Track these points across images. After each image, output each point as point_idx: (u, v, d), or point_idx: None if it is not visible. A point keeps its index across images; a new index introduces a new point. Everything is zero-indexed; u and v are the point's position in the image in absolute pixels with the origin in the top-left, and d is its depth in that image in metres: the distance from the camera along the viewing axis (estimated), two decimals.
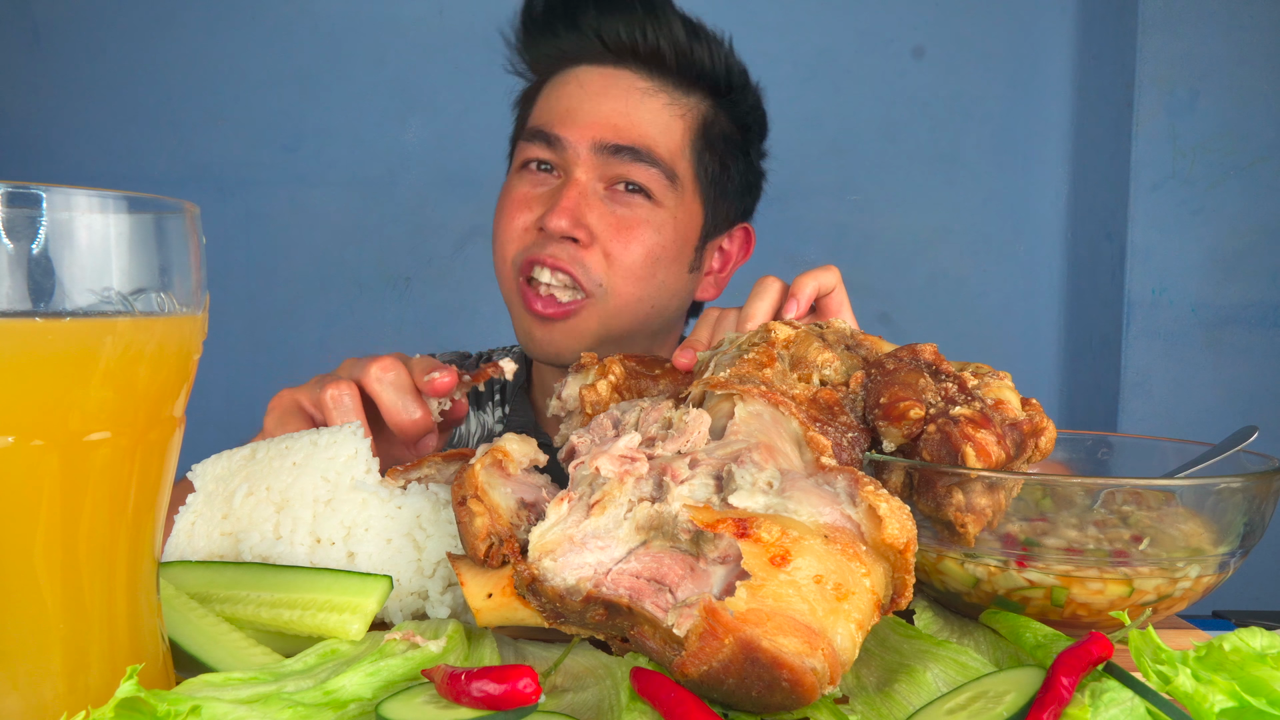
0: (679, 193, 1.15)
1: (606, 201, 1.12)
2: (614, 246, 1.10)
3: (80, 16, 2.48)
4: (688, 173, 1.16)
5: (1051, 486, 0.62)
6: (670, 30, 1.14)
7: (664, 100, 1.14)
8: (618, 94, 1.13)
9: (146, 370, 0.46)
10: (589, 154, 1.11)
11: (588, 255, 1.10)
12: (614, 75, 1.14)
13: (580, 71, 1.15)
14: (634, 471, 0.59)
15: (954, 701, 0.50)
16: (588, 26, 1.14)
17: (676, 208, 1.15)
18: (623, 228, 1.11)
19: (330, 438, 0.72)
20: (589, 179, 1.11)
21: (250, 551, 0.68)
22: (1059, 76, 2.52)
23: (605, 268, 1.10)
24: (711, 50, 1.17)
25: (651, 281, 1.14)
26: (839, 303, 0.90)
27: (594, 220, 1.10)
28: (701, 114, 1.17)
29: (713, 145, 1.18)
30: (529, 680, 0.48)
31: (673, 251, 1.15)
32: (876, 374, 0.69)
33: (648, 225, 1.12)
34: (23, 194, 0.43)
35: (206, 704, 0.46)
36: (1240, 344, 2.30)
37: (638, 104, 1.13)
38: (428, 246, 2.56)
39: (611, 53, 1.14)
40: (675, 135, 1.15)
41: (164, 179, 2.51)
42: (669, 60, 1.14)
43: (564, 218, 1.07)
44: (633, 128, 1.12)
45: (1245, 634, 0.52)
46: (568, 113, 1.13)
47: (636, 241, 1.11)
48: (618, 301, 1.12)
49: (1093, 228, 2.46)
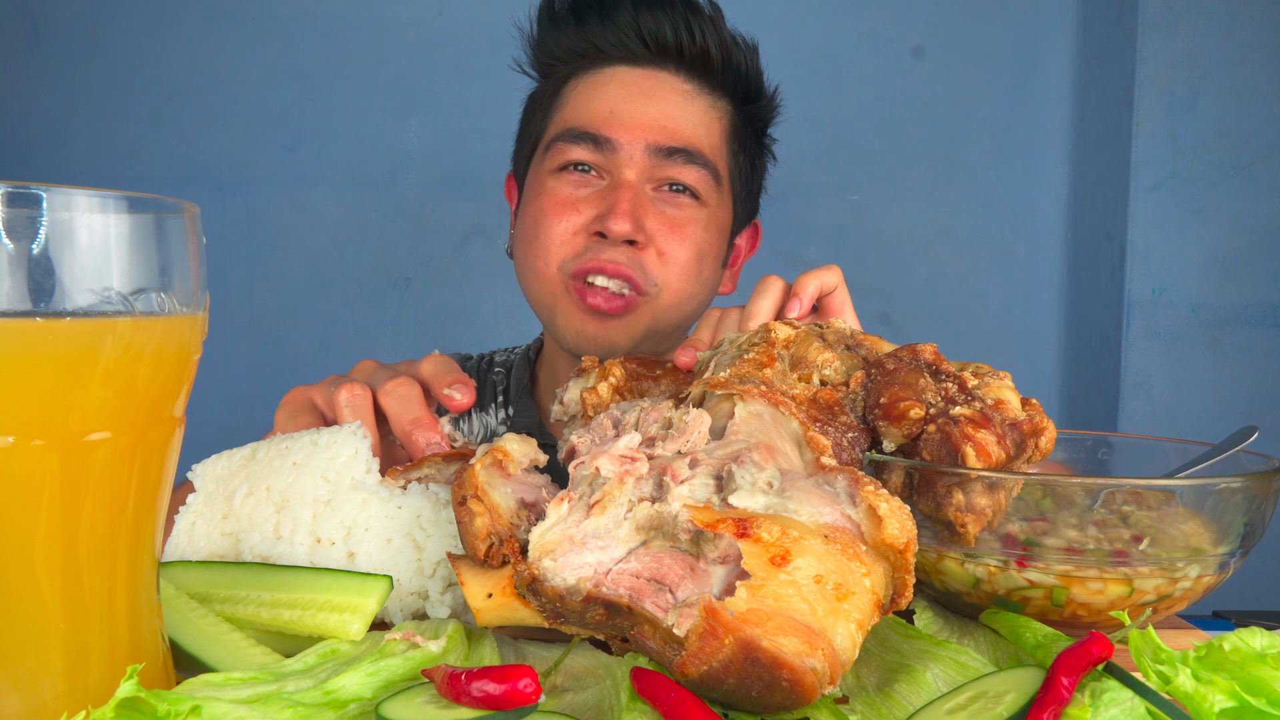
0: (721, 192, 1.17)
1: (656, 202, 1.12)
2: (668, 246, 1.11)
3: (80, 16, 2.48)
4: (725, 171, 1.18)
5: (1051, 486, 0.62)
6: (718, 31, 1.14)
7: (705, 103, 1.15)
8: (663, 95, 1.13)
9: (146, 370, 0.46)
10: (642, 156, 1.11)
11: (645, 257, 1.10)
12: (656, 77, 1.13)
13: (618, 72, 1.14)
14: (634, 471, 0.59)
15: (954, 701, 0.50)
16: (624, 22, 1.12)
17: (718, 207, 1.17)
18: (674, 227, 1.12)
19: (330, 438, 0.72)
20: (640, 180, 1.11)
21: (250, 551, 0.68)
22: (1059, 76, 2.52)
23: (660, 267, 1.11)
24: (746, 57, 1.18)
25: (699, 278, 1.15)
26: (841, 302, 0.90)
27: (650, 222, 1.11)
28: (731, 115, 1.19)
29: (744, 144, 1.21)
30: (529, 680, 0.48)
31: (716, 248, 1.18)
32: (876, 374, 0.69)
33: (696, 224, 1.13)
34: (23, 194, 0.43)
35: (206, 704, 0.46)
36: (1240, 344, 2.30)
37: (684, 107, 1.13)
38: (428, 246, 2.56)
39: (651, 52, 1.13)
40: (716, 136, 1.16)
41: (164, 179, 2.51)
42: (715, 62, 1.14)
43: (626, 221, 1.07)
44: (681, 129, 1.12)
45: (1245, 634, 0.52)
46: (613, 114, 1.12)
47: (689, 240, 1.13)
48: (670, 299, 1.13)
49: (1093, 228, 2.46)
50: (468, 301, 2.57)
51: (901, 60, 2.52)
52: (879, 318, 2.55)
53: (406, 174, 2.55)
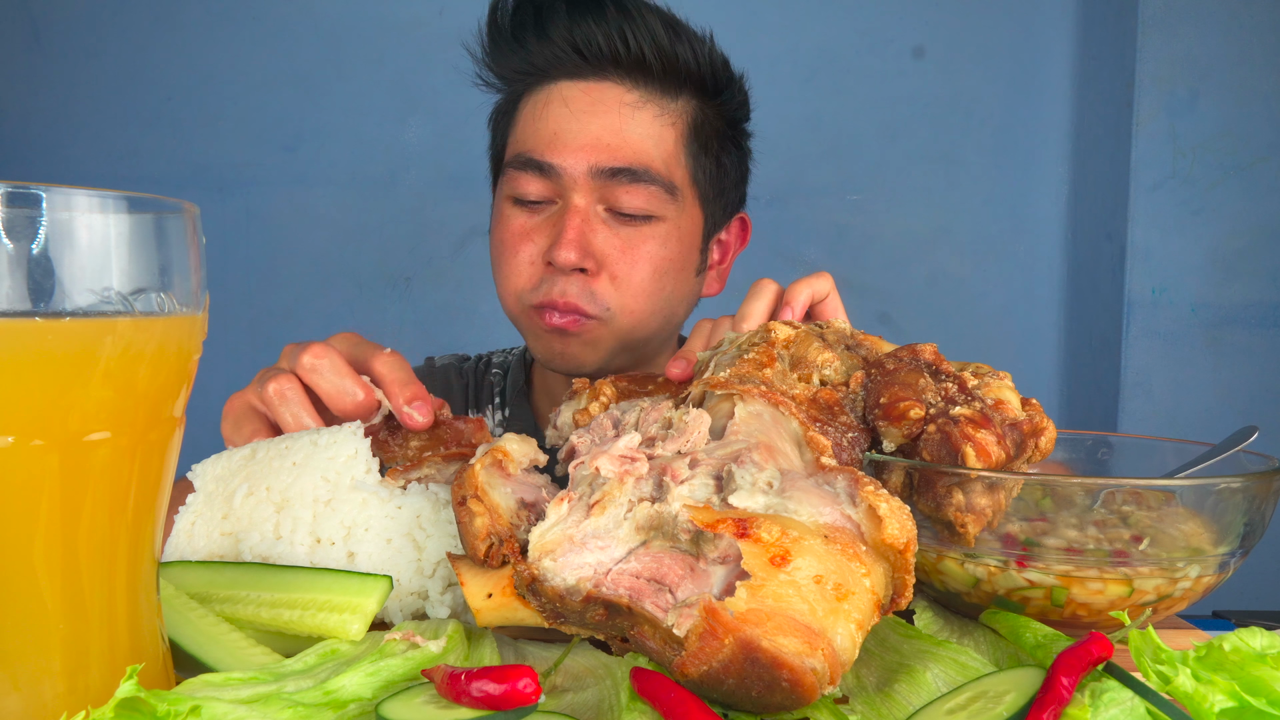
0: (679, 202, 1.12)
1: (609, 223, 1.09)
2: (621, 269, 1.08)
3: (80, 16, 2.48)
4: (685, 179, 1.13)
5: (1051, 486, 0.62)
6: (651, 33, 1.08)
7: (653, 112, 1.10)
8: (605, 110, 1.08)
9: (146, 370, 0.46)
10: (586, 179, 1.07)
11: (595, 284, 1.07)
12: (597, 90, 1.09)
13: (560, 88, 1.10)
14: (634, 471, 0.59)
15: (954, 701, 0.50)
16: (559, 36, 1.08)
17: (679, 217, 1.12)
18: (627, 249, 1.09)
19: (330, 438, 0.72)
20: (588, 202, 1.08)
21: (250, 551, 0.68)
22: (1059, 76, 2.52)
23: (613, 291, 1.08)
24: (695, 49, 1.12)
25: (659, 295, 1.12)
26: (833, 310, 0.89)
27: (599, 245, 1.07)
28: (690, 117, 1.13)
29: (706, 146, 1.15)
30: (529, 680, 0.48)
31: (679, 262, 1.13)
32: (876, 374, 0.69)
33: (652, 241, 1.10)
34: (23, 194, 0.43)
35: (206, 704, 0.46)
36: (1240, 344, 2.30)
37: (628, 120, 1.09)
38: (428, 246, 2.56)
39: (589, 64, 1.09)
40: (668, 145, 1.11)
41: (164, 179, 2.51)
42: (654, 66, 1.09)
43: (572, 250, 1.05)
44: (626, 145, 1.08)
45: (1245, 634, 0.52)
46: (555, 136, 1.08)
47: (643, 261, 1.09)
48: (629, 319, 1.10)
49: (1093, 228, 2.46)
50: (468, 301, 2.57)
51: (901, 60, 2.52)
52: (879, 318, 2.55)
53: (406, 174, 2.55)
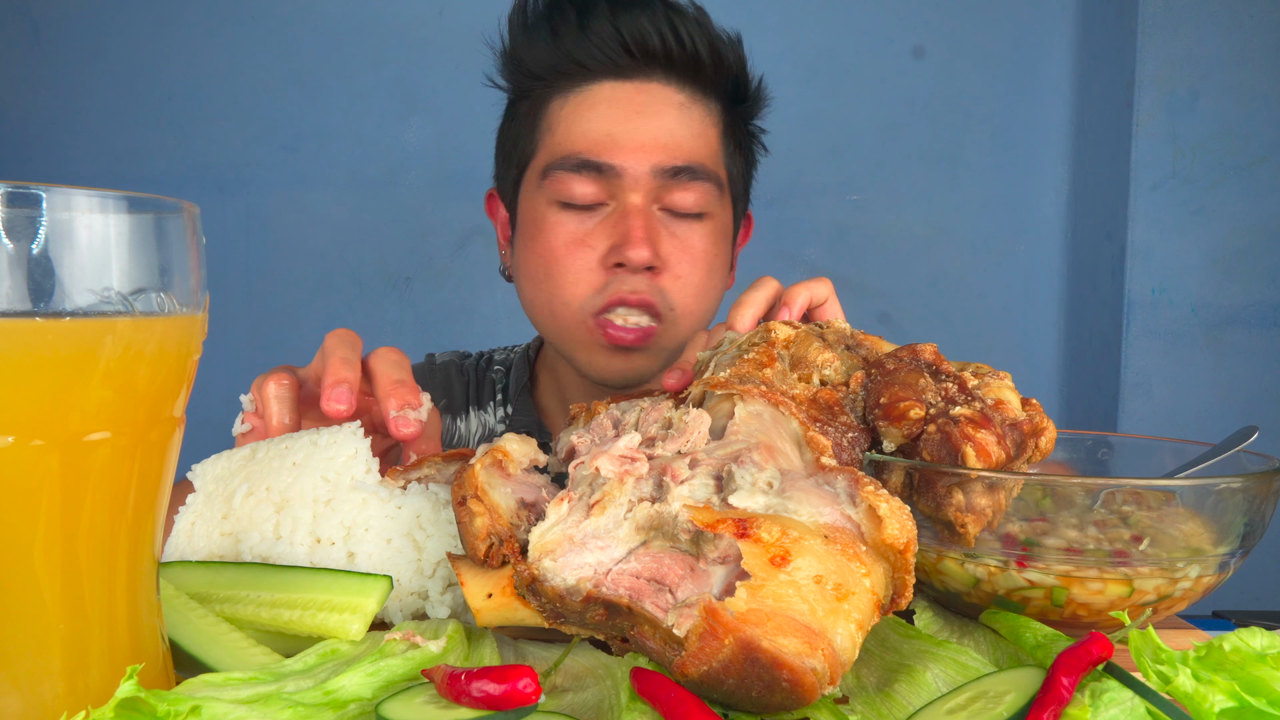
0: (723, 199, 1.14)
1: (665, 223, 1.09)
2: (682, 268, 1.09)
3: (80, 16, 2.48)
4: (725, 178, 1.15)
5: (1051, 486, 0.62)
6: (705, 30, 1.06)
7: (700, 112, 1.10)
8: (658, 110, 1.06)
9: (146, 370, 0.46)
10: (648, 178, 1.06)
11: (662, 282, 1.08)
12: (647, 90, 1.06)
13: (605, 89, 1.06)
14: (634, 471, 0.59)
15: (954, 701, 0.50)
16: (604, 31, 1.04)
17: (721, 214, 1.14)
18: (684, 248, 1.09)
19: (330, 438, 0.72)
20: (645, 202, 1.07)
21: (250, 551, 0.68)
22: (1059, 76, 2.52)
23: (677, 290, 1.09)
24: (734, 53, 1.12)
25: (712, 293, 1.14)
26: (832, 315, 0.89)
27: (663, 245, 1.08)
28: (722, 115, 1.14)
29: (739, 143, 1.17)
30: (529, 680, 0.48)
31: (724, 259, 1.16)
32: (876, 374, 0.69)
33: (705, 239, 1.11)
34: (23, 194, 0.43)
35: (206, 704, 0.46)
36: (1240, 344, 2.30)
37: (681, 120, 1.07)
38: (428, 246, 2.56)
39: (637, 61, 1.05)
40: (714, 143, 1.12)
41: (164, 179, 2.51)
42: (706, 65, 1.07)
43: (645, 248, 1.04)
44: (682, 145, 1.07)
45: (1245, 634, 0.52)
46: (611, 137, 1.05)
47: (700, 259, 1.10)
48: (686, 321, 1.11)
49: (1093, 228, 2.46)
50: (468, 301, 2.57)
51: (901, 60, 2.52)
52: (879, 318, 2.55)
53: (406, 174, 2.55)
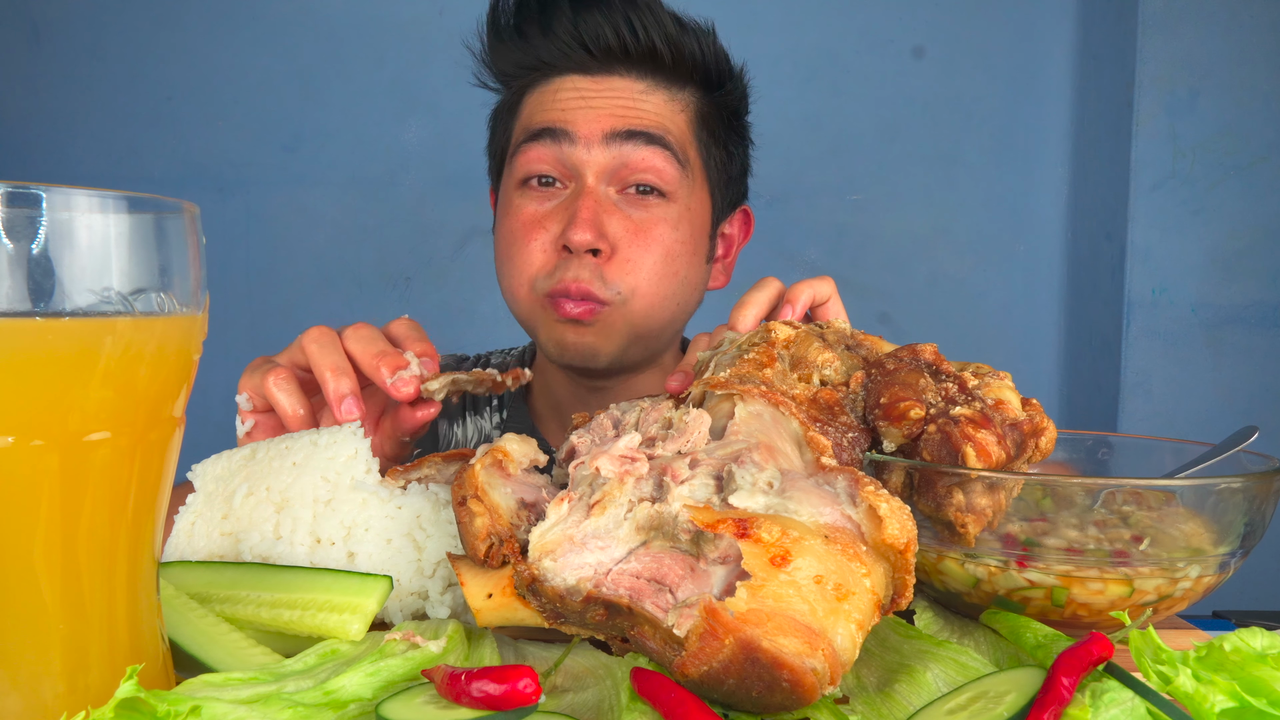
0: (690, 182, 1.13)
1: (622, 206, 1.09)
2: (634, 252, 1.08)
3: (80, 16, 2.48)
4: (696, 161, 1.14)
5: (1051, 486, 0.62)
6: (661, 24, 1.09)
7: (663, 97, 1.12)
8: (617, 94, 1.10)
9: (146, 370, 0.46)
10: (600, 147, 1.08)
11: (608, 267, 1.07)
12: (605, 82, 1.10)
13: (570, 80, 1.11)
14: (634, 471, 0.59)
15: (954, 701, 0.50)
16: (564, 31, 1.08)
17: (689, 199, 1.13)
18: (640, 232, 1.09)
19: (330, 438, 0.72)
20: (598, 183, 1.08)
21: (250, 551, 0.68)
22: (1059, 76, 2.52)
23: (625, 274, 1.08)
24: (700, 42, 1.12)
25: (675, 279, 1.12)
26: (834, 314, 0.89)
27: (613, 227, 1.08)
28: (696, 104, 1.15)
29: (714, 131, 1.17)
30: (529, 680, 0.48)
31: (691, 245, 1.14)
32: (876, 374, 0.69)
33: (664, 223, 1.10)
34: (23, 194, 0.43)
35: (206, 704, 0.46)
36: (1240, 344, 2.30)
37: (640, 100, 1.10)
38: (428, 246, 2.56)
39: (596, 59, 1.09)
40: (681, 124, 1.13)
41: (164, 179, 2.51)
42: (664, 57, 1.10)
43: (588, 230, 1.04)
44: (641, 116, 1.09)
45: (1245, 634, 0.52)
46: (570, 110, 1.09)
47: (656, 243, 1.09)
48: (643, 304, 1.10)
49: (1093, 228, 2.46)
50: (468, 301, 2.57)
51: (901, 60, 2.52)
52: (879, 318, 2.55)
53: (406, 174, 2.55)
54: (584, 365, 1.14)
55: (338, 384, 0.79)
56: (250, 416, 0.84)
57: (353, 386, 0.79)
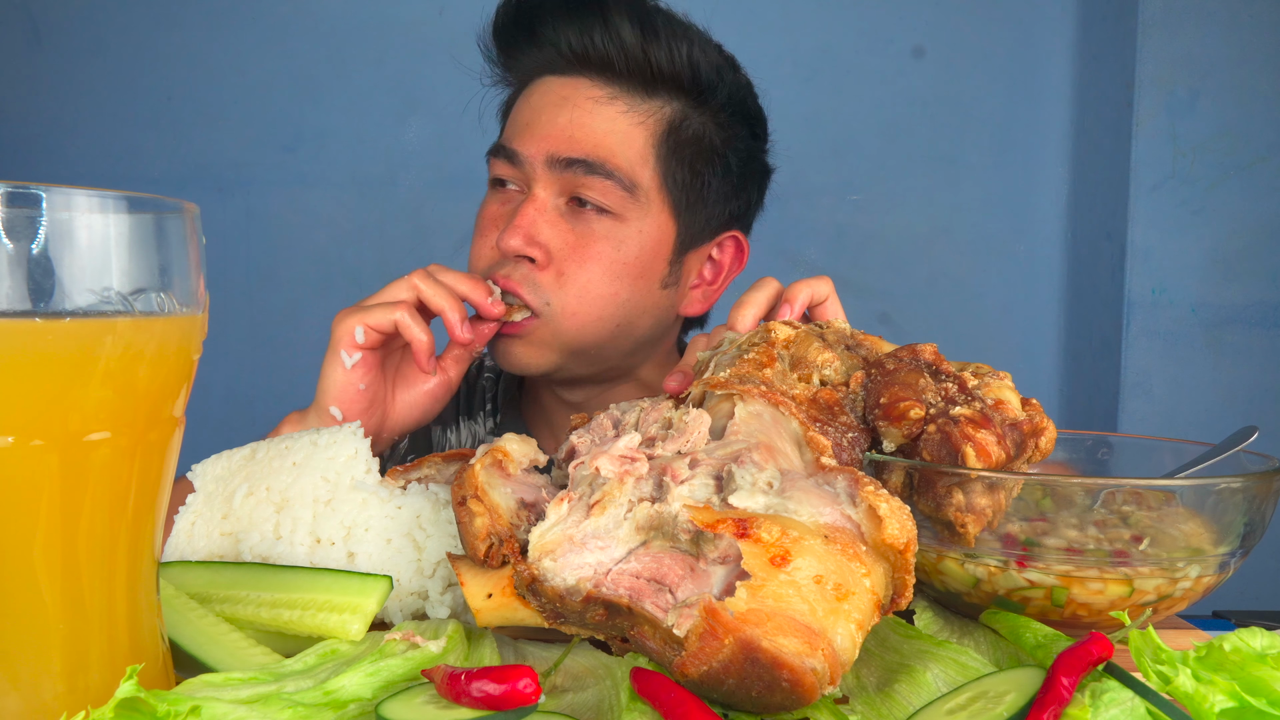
0: (642, 204, 1.09)
1: (567, 218, 1.08)
2: (569, 266, 1.07)
3: (80, 16, 2.48)
4: (653, 182, 1.10)
5: (1051, 486, 0.62)
6: (618, 34, 1.08)
7: (620, 108, 1.09)
8: (573, 104, 1.09)
9: (146, 370, 0.46)
10: (544, 169, 1.08)
11: (541, 275, 1.06)
12: (571, 85, 1.10)
13: (543, 83, 1.13)
14: (634, 471, 0.59)
15: (954, 701, 0.50)
16: (545, 37, 1.11)
17: (641, 220, 1.10)
18: (579, 246, 1.07)
19: (330, 438, 0.72)
20: (548, 195, 1.08)
21: (250, 551, 0.68)
22: (1059, 76, 2.52)
23: (557, 287, 1.06)
24: (672, 50, 1.09)
25: (613, 300, 1.09)
26: (832, 313, 0.89)
27: (550, 238, 1.06)
28: (667, 118, 1.11)
29: (680, 150, 1.12)
30: (529, 680, 0.48)
31: (636, 267, 1.10)
32: (876, 374, 0.69)
33: (606, 241, 1.08)
34: (23, 194, 0.43)
35: (206, 704, 0.46)
36: (1240, 344, 2.30)
37: (592, 113, 1.08)
38: (427, 246, 2.56)
39: (568, 62, 1.11)
40: (636, 143, 1.09)
41: (164, 179, 2.51)
42: (618, 65, 1.09)
43: (516, 236, 1.05)
44: (587, 139, 1.07)
45: (1245, 634, 0.52)
46: (525, 127, 1.10)
47: (593, 260, 1.07)
48: (575, 321, 1.08)
49: (1093, 228, 2.46)
50: None
51: (901, 60, 2.52)
52: (879, 318, 2.55)
53: (406, 174, 2.55)
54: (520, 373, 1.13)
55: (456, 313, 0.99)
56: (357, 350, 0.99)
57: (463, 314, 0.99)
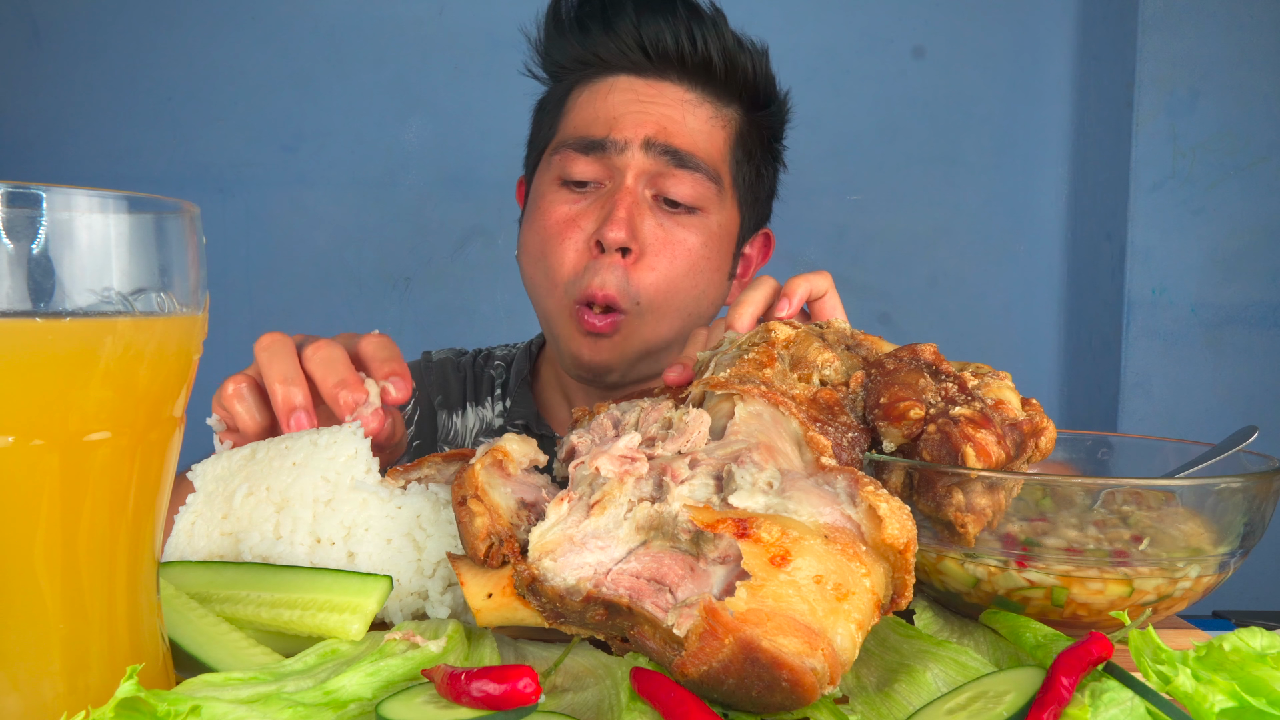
0: (721, 199, 1.15)
1: (655, 211, 1.11)
2: (660, 260, 1.09)
3: (80, 16, 2.48)
4: (728, 179, 1.16)
5: (1051, 486, 0.62)
6: (720, 37, 1.11)
7: (709, 111, 1.13)
8: (666, 102, 1.11)
9: (146, 370, 0.46)
10: (640, 152, 1.09)
11: (634, 270, 1.08)
12: (658, 87, 1.12)
13: (621, 81, 1.12)
14: (634, 471, 0.59)
15: (954, 701, 0.50)
16: (625, 31, 1.10)
17: (719, 213, 1.15)
18: (670, 241, 1.10)
19: (330, 438, 0.72)
20: (638, 186, 1.10)
21: (250, 551, 0.68)
22: (1059, 76, 2.52)
23: (647, 282, 1.09)
24: (754, 61, 1.15)
25: (693, 291, 1.13)
26: (831, 308, 0.90)
27: (646, 229, 1.09)
28: (738, 124, 1.17)
29: (750, 153, 1.18)
30: (529, 680, 0.48)
31: (715, 260, 1.15)
32: (876, 374, 0.69)
33: (694, 233, 1.12)
34: (23, 194, 0.43)
35: (206, 704, 0.46)
36: (1240, 344, 2.30)
37: (685, 113, 1.11)
38: (428, 246, 2.56)
39: (653, 62, 1.11)
40: (719, 143, 1.14)
41: (164, 179, 2.51)
42: (718, 70, 1.12)
43: (621, 229, 1.06)
44: (680, 133, 1.10)
45: (1245, 634, 0.52)
46: (616, 118, 1.10)
47: (682, 254, 1.11)
48: (654, 316, 1.11)
49: (1093, 228, 2.46)
50: (468, 301, 2.57)
51: (901, 60, 2.52)
52: (879, 318, 2.55)
53: (406, 174, 2.55)
54: (596, 380, 1.15)
55: (287, 394, 0.76)
56: (226, 437, 0.81)
57: (304, 399, 0.76)
